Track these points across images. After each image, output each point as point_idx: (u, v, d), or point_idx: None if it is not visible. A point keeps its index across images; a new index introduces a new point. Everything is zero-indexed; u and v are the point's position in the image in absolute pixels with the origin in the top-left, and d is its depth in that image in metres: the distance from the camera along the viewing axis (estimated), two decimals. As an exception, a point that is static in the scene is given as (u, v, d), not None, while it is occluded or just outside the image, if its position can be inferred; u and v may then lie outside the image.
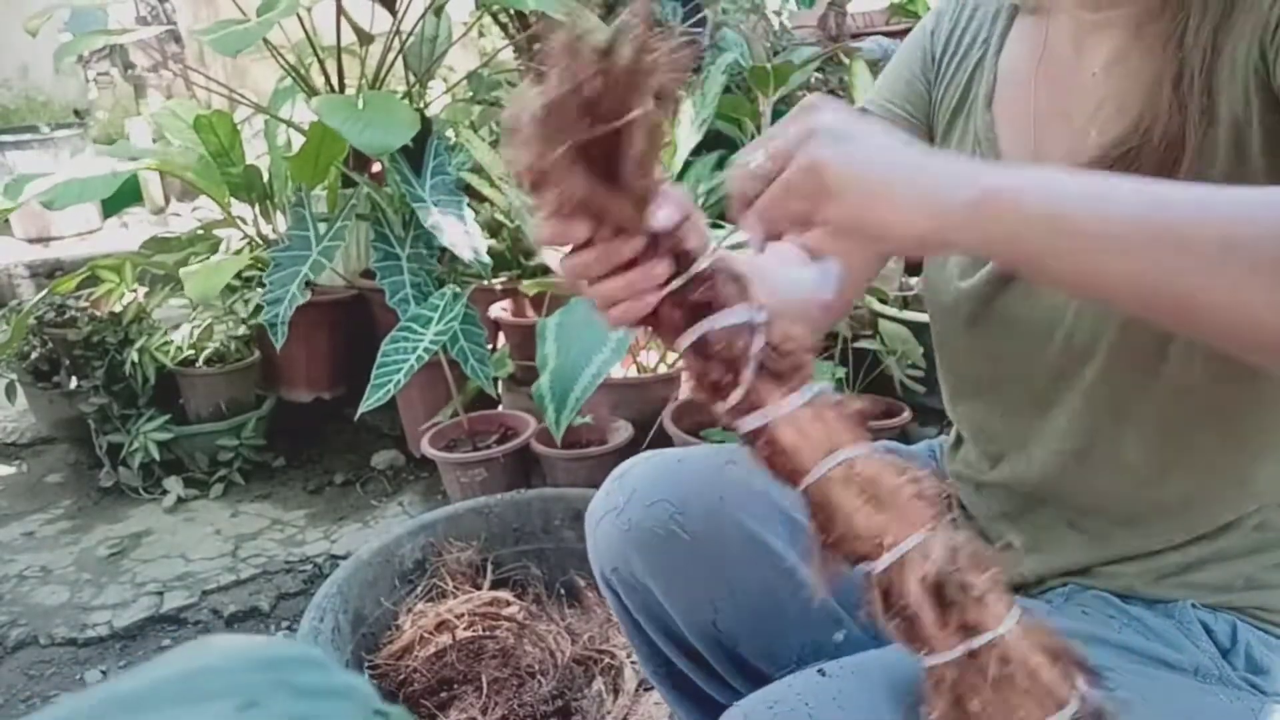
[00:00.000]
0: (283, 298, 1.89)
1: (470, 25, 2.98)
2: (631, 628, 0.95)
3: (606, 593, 0.95)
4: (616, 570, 0.90)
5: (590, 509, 0.93)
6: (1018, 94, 0.79)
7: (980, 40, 0.84)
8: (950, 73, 0.86)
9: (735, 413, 0.60)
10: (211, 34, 1.86)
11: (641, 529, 0.85)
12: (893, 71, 0.90)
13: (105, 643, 1.67)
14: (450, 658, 1.35)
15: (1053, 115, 0.77)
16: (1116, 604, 0.76)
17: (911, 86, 0.88)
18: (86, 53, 3.91)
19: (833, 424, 0.59)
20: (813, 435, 0.59)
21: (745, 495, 0.84)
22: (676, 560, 0.84)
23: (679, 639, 0.91)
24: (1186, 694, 0.69)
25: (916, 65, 0.88)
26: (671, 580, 0.86)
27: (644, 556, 0.86)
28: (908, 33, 0.93)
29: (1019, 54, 0.80)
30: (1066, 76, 0.76)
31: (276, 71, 2.41)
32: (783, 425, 0.59)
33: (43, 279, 3.27)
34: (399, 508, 2.07)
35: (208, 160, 2.28)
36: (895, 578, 0.56)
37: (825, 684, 0.66)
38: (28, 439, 2.50)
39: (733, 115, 2.36)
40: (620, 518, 0.87)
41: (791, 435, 0.59)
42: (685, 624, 0.88)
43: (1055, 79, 0.77)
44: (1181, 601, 0.74)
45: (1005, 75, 0.81)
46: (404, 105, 2.01)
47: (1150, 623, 0.74)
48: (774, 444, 0.60)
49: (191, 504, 2.14)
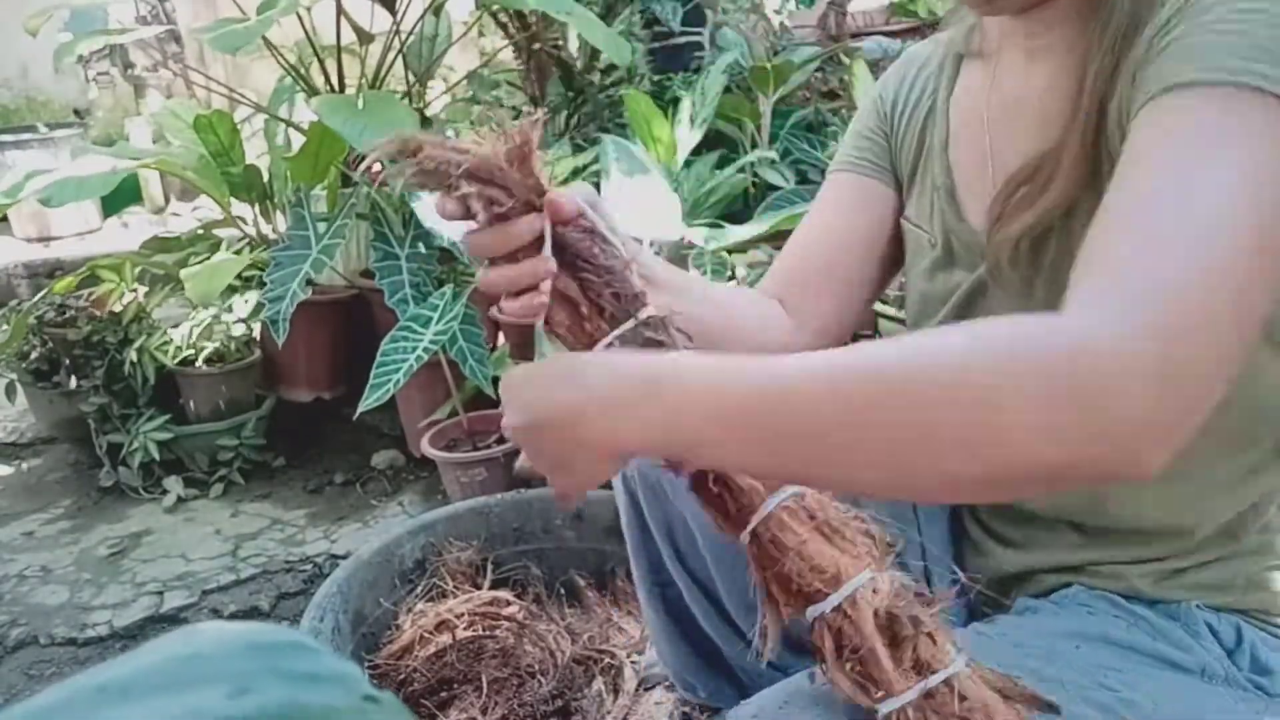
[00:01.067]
0: (284, 295, 1.88)
1: (470, 25, 2.98)
2: (638, 534, 0.94)
3: (622, 494, 0.93)
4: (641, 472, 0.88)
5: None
6: (973, 133, 0.81)
7: (929, 91, 0.86)
8: (904, 126, 0.88)
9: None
10: (211, 33, 1.86)
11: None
12: (852, 134, 0.93)
13: (105, 643, 1.66)
14: (450, 658, 1.34)
15: (1004, 144, 0.78)
16: (1122, 604, 0.75)
17: (873, 141, 0.91)
18: (86, 52, 3.90)
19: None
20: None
21: None
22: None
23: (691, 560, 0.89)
24: (1193, 694, 0.69)
25: (872, 121, 0.91)
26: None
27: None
28: (908, 33, 0.94)
29: (970, 96, 0.82)
30: (1015, 106, 0.77)
31: (276, 71, 2.41)
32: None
33: (43, 279, 3.27)
34: (399, 508, 2.07)
35: (208, 160, 2.28)
36: (848, 615, 0.56)
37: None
38: (28, 439, 2.50)
39: (733, 115, 2.36)
40: None
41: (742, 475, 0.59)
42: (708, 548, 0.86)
43: (1006, 109, 0.78)
44: (1186, 603, 0.74)
45: (958, 118, 0.83)
46: (404, 105, 2.01)
47: (1156, 623, 0.73)
48: (725, 483, 0.60)
49: (191, 504, 2.14)
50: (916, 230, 0.86)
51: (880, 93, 0.91)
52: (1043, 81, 0.74)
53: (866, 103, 0.93)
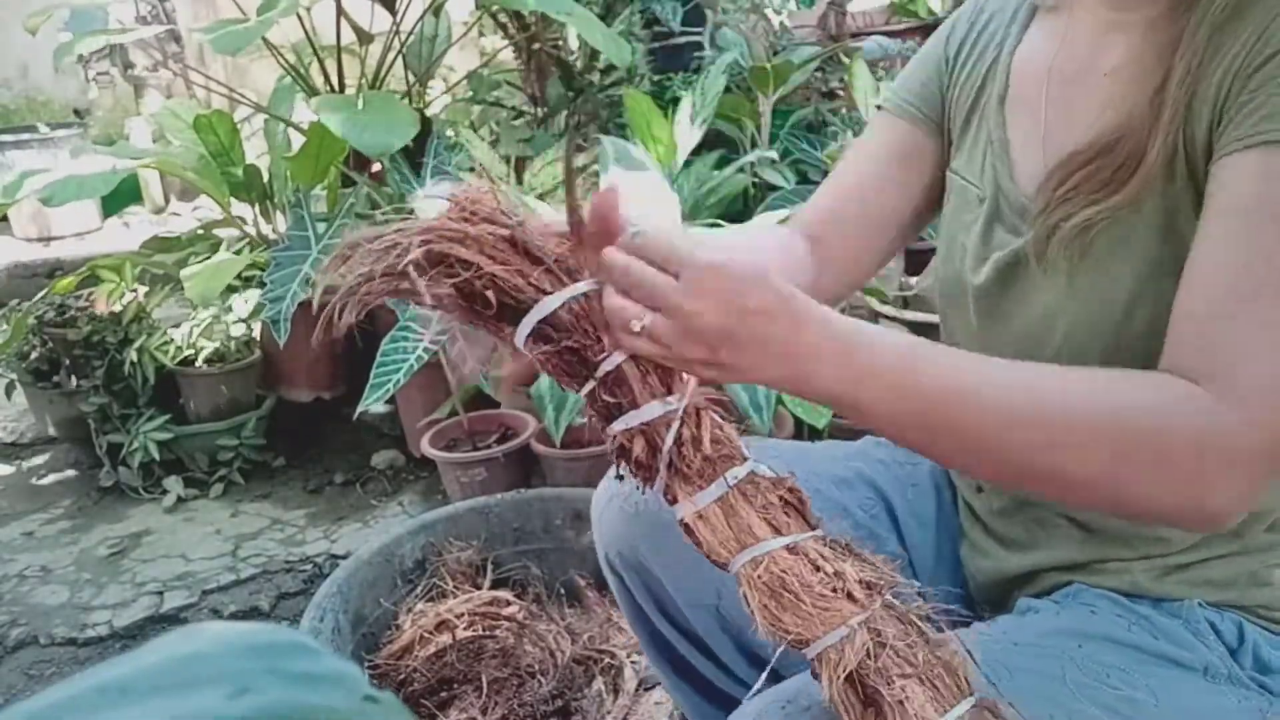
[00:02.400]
0: (284, 295, 1.88)
1: (470, 25, 2.98)
2: (634, 613, 0.96)
3: (610, 577, 0.96)
4: (621, 554, 0.91)
5: (596, 494, 0.94)
6: (1031, 92, 0.79)
7: (996, 42, 0.85)
8: (965, 75, 0.86)
9: (664, 496, 0.63)
10: (211, 33, 1.86)
11: (647, 512, 0.86)
12: (910, 73, 0.92)
13: (105, 643, 1.67)
14: (450, 658, 1.34)
15: (1060, 112, 0.76)
16: (1124, 603, 0.75)
17: (926, 88, 0.89)
18: (86, 52, 3.90)
19: (748, 517, 0.60)
20: (722, 531, 0.61)
21: None
22: (680, 542, 0.85)
23: (682, 623, 0.92)
24: (1196, 693, 0.69)
25: (931, 68, 0.89)
26: (676, 563, 0.87)
27: (649, 539, 0.87)
28: (908, 32, 0.94)
29: (1035, 53, 0.80)
30: (1079, 75, 0.75)
31: (276, 71, 2.41)
32: (695, 520, 0.61)
33: (43, 279, 3.26)
34: (399, 508, 2.07)
35: (208, 160, 2.28)
36: (820, 669, 0.58)
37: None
38: (28, 439, 2.49)
39: (733, 115, 2.36)
40: (627, 501, 0.89)
41: (704, 530, 0.61)
42: (688, 607, 0.89)
43: (1068, 77, 0.76)
44: (1188, 600, 0.74)
45: (1020, 74, 0.81)
46: (404, 105, 2.01)
47: (1158, 622, 0.73)
48: (692, 534, 0.62)
49: (191, 504, 2.14)
50: (964, 183, 0.84)
51: (947, 37, 0.89)
52: (1115, 58, 0.72)
53: (932, 44, 0.90)
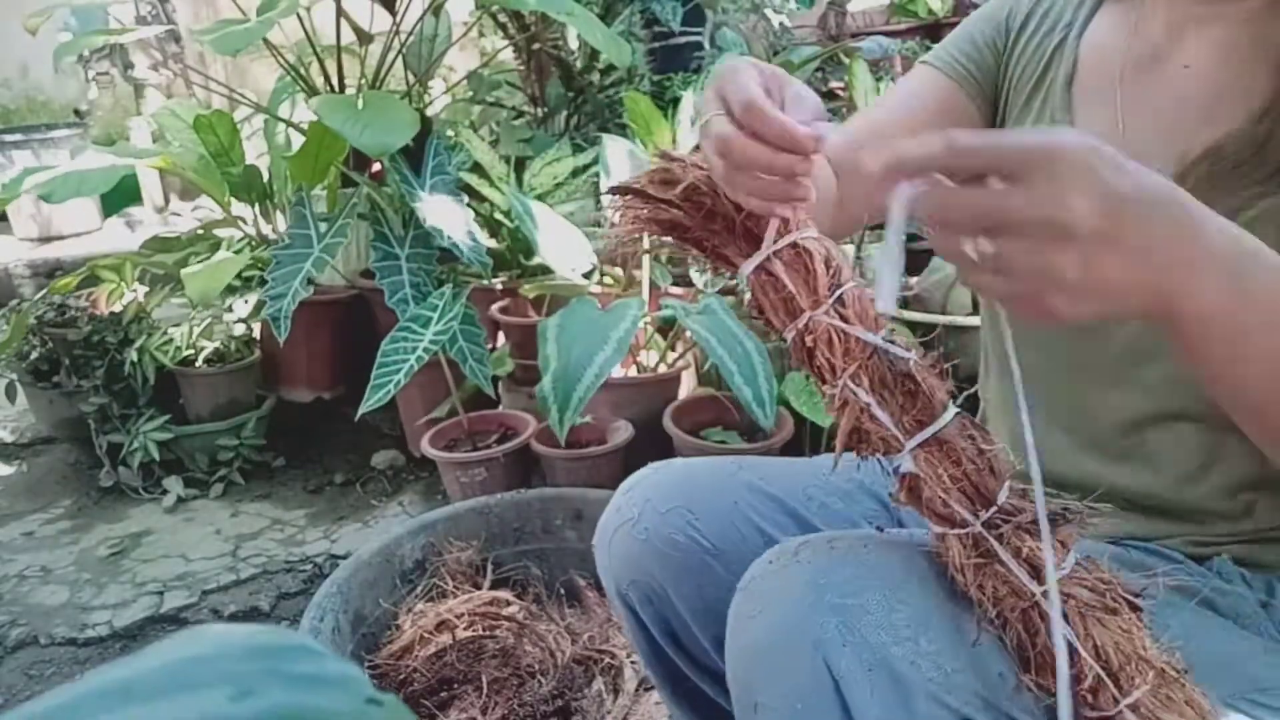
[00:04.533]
0: (285, 293, 1.88)
1: (470, 25, 2.98)
2: (648, 647, 0.92)
3: (622, 610, 0.91)
4: (635, 583, 0.86)
5: (601, 525, 0.89)
6: (1100, 81, 0.79)
7: (1063, 24, 0.84)
8: (1028, 51, 0.85)
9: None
10: (211, 34, 1.86)
11: (660, 537, 0.82)
12: (963, 33, 0.90)
13: (105, 643, 1.66)
14: (450, 658, 1.34)
15: (1139, 106, 0.75)
16: (1156, 549, 0.75)
17: (980, 53, 0.88)
18: (86, 52, 3.90)
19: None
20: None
21: (757, 500, 0.83)
22: (695, 566, 0.82)
23: (697, 654, 0.88)
24: (1225, 635, 0.69)
25: (990, 33, 0.88)
26: (692, 587, 0.83)
27: (663, 565, 0.83)
28: (908, 33, 0.93)
29: (1103, 40, 0.80)
30: (1155, 67, 0.75)
31: (276, 71, 2.41)
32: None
33: (43, 278, 3.27)
34: (399, 507, 2.07)
35: (208, 160, 2.28)
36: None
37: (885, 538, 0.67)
38: (28, 439, 2.50)
39: (733, 115, 2.36)
40: (636, 528, 0.84)
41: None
42: (704, 634, 0.85)
43: (1143, 68, 0.76)
44: (1221, 557, 0.74)
45: (1087, 60, 0.81)
46: (404, 105, 2.01)
47: (1190, 567, 0.73)
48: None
49: (191, 504, 2.14)
50: None
51: (1011, 8, 0.88)
52: (1202, 50, 0.71)
53: (993, 9, 0.89)
